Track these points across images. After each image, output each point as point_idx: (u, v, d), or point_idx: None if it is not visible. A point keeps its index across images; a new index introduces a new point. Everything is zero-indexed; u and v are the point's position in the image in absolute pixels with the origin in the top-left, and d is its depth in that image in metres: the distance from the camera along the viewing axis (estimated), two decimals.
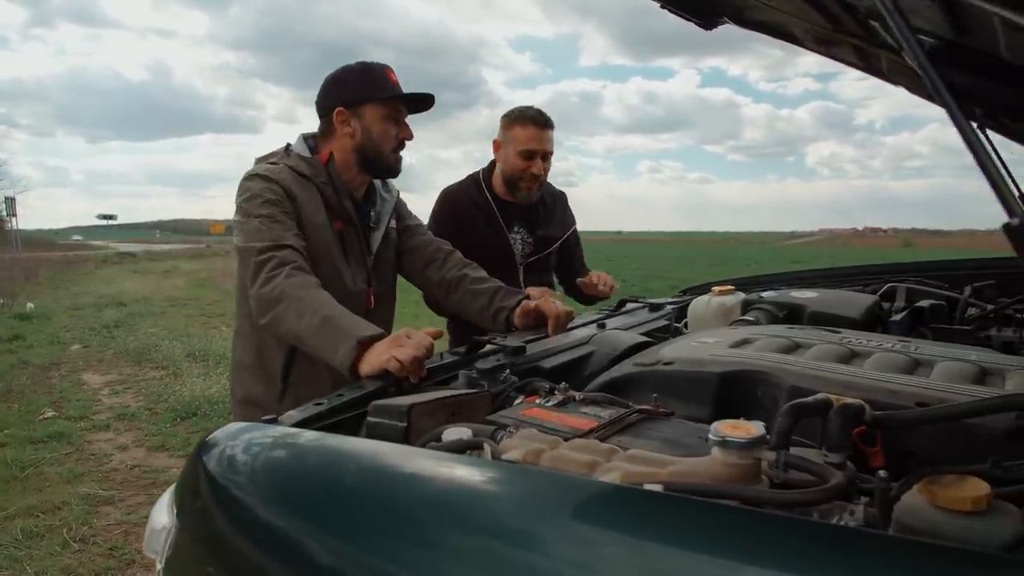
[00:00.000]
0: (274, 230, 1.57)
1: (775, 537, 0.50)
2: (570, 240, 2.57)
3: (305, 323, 1.38)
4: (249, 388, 1.74)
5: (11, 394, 5.48)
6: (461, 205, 2.41)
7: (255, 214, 1.59)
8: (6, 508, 3.29)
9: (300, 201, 1.67)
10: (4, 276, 15.33)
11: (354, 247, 1.78)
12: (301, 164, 1.73)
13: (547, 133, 2.31)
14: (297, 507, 0.80)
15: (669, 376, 1.15)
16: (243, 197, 1.65)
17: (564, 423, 0.85)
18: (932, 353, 1.22)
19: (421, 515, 0.69)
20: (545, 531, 0.59)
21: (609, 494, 0.58)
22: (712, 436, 0.61)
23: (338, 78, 1.75)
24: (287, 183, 1.66)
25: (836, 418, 0.65)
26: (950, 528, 0.66)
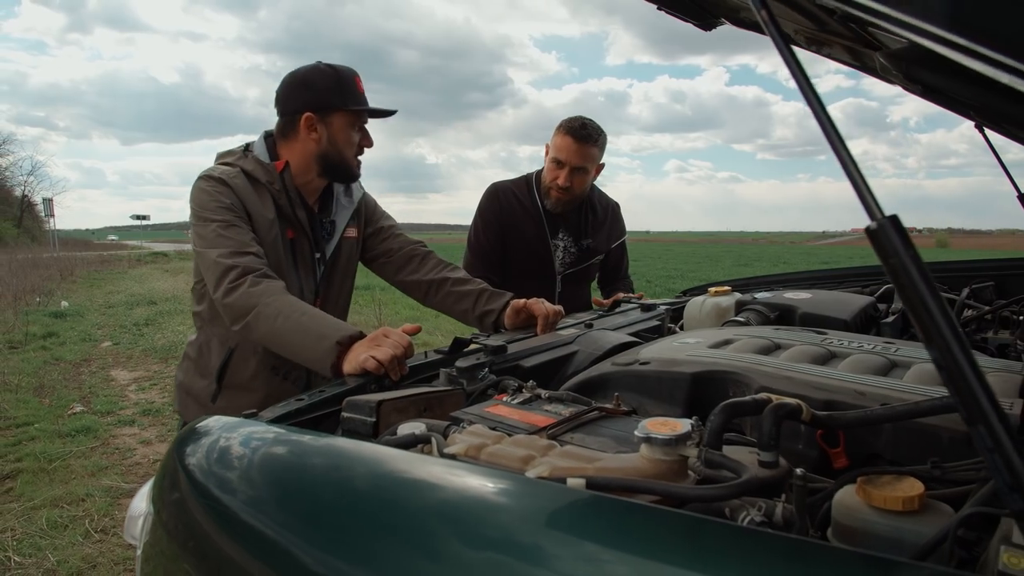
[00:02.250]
0: (232, 237, 1.56)
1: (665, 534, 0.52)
2: (615, 252, 2.52)
3: (279, 328, 1.39)
4: (189, 377, 1.77)
5: (43, 389, 5.65)
6: (509, 204, 2.36)
7: (211, 219, 1.59)
8: (33, 499, 3.41)
9: (250, 207, 1.66)
10: (42, 275, 15.80)
11: (305, 256, 1.77)
12: (257, 169, 1.71)
13: (582, 148, 2.21)
14: (271, 501, 0.83)
15: (644, 376, 1.16)
16: (197, 200, 1.64)
17: (524, 420, 0.88)
18: (910, 355, 1.22)
19: (377, 509, 0.72)
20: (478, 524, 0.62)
21: (543, 491, 0.60)
22: (638, 433, 0.63)
23: (308, 81, 1.72)
24: (239, 188, 1.65)
25: (769, 417, 0.66)
26: (882, 527, 0.68)
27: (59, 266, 18.64)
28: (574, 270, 2.39)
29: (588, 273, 2.45)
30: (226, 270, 1.50)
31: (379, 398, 0.96)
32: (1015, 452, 0.36)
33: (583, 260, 2.40)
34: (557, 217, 2.35)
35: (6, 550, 2.85)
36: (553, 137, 2.27)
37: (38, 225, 42.41)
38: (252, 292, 1.46)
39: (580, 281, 2.44)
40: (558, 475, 0.60)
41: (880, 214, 0.39)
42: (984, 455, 0.37)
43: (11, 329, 8.51)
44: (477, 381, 1.18)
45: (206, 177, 1.67)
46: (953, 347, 0.37)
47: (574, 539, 0.55)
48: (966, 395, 0.37)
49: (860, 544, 0.67)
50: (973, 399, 0.36)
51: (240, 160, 1.73)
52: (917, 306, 0.37)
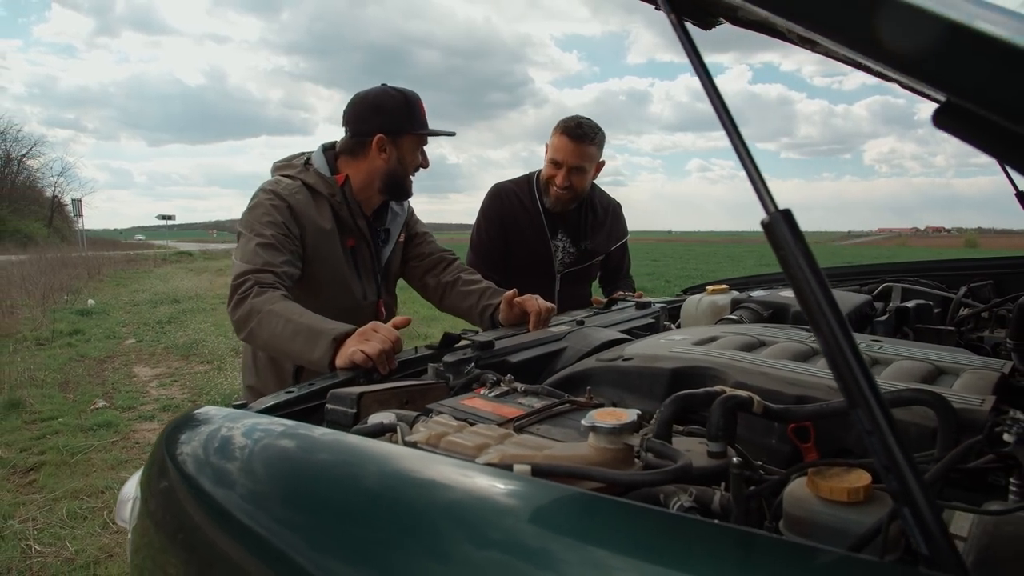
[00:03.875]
0: (265, 255, 1.62)
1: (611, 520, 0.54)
2: (616, 252, 2.53)
3: (279, 332, 1.44)
4: (263, 381, 1.83)
5: (68, 385, 5.80)
6: (510, 203, 2.40)
7: (256, 232, 1.66)
8: (55, 490, 3.51)
9: (308, 218, 1.73)
10: (70, 274, 16.14)
11: (366, 262, 1.87)
12: (319, 182, 1.80)
13: (579, 147, 2.22)
14: (260, 491, 0.85)
15: (625, 371, 1.19)
16: (253, 210, 1.71)
17: (496, 411, 0.91)
18: (893, 352, 1.23)
19: (352, 497, 0.74)
20: (440, 512, 0.64)
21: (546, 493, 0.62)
22: (584, 423, 0.66)
23: (380, 105, 1.80)
24: (298, 204, 1.73)
25: (718, 409, 0.68)
26: (828, 518, 0.69)
27: (87, 265, 19.03)
28: (573, 270, 2.42)
29: (588, 273, 2.47)
30: (238, 285, 1.57)
31: (360, 390, 1.00)
32: (891, 435, 0.38)
33: (582, 261, 2.42)
34: (557, 217, 2.37)
35: (27, 539, 2.94)
36: (551, 137, 2.29)
37: (68, 225, 43.33)
38: (255, 301, 1.52)
39: (579, 281, 2.46)
40: (507, 461, 0.63)
41: (773, 207, 0.41)
42: (864, 437, 0.39)
43: (39, 326, 8.71)
44: (463, 375, 1.22)
45: (269, 191, 1.75)
46: (836, 334, 0.39)
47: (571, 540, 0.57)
48: (848, 380, 0.39)
49: (808, 534, 0.69)
50: (855, 384, 0.38)
51: (301, 173, 1.82)
52: (805, 295, 0.40)
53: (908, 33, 0.34)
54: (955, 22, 0.32)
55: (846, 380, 0.39)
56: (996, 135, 0.34)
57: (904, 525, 0.38)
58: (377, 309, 1.90)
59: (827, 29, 0.43)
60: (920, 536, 0.37)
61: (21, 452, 4.09)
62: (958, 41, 0.33)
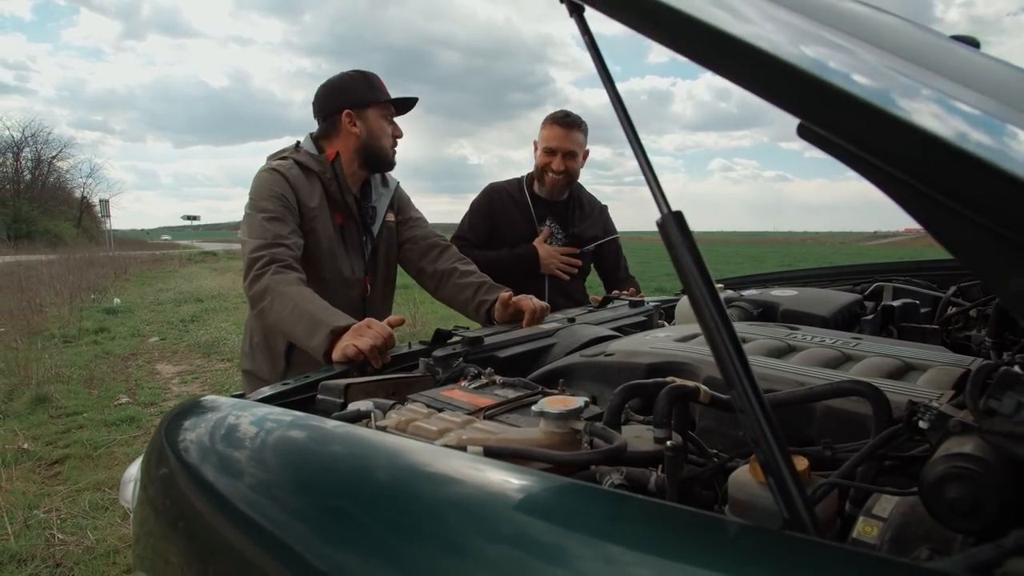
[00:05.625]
0: (272, 228, 1.73)
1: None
2: (609, 249, 2.66)
3: (287, 315, 1.53)
4: (257, 364, 1.96)
5: (93, 381, 5.96)
6: (499, 198, 2.61)
7: (259, 208, 1.77)
8: (78, 482, 3.63)
9: (303, 193, 1.84)
10: (97, 273, 16.49)
11: (353, 239, 1.96)
12: (309, 160, 1.91)
13: (570, 134, 2.47)
14: (260, 479, 0.88)
15: (605, 367, 1.24)
16: (255, 187, 1.84)
17: (471, 401, 0.96)
18: (868, 350, 1.26)
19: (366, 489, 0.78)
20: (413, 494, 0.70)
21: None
22: (535, 408, 0.71)
23: (342, 85, 1.95)
24: (293, 178, 1.84)
25: (663, 398, 0.73)
26: (763, 500, 0.74)
27: (114, 265, 19.42)
28: None
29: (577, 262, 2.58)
30: (254, 261, 1.67)
31: (348, 381, 1.06)
32: (762, 412, 0.43)
33: (575, 247, 2.56)
34: (546, 206, 2.57)
35: (51, 528, 3.06)
36: (541, 132, 2.52)
37: (96, 225, 44.21)
38: (272, 280, 1.62)
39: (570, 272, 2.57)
40: (463, 444, 0.69)
41: (667, 208, 0.46)
42: (739, 414, 0.44)
43: (66, 324, 8.94)
44: (451, 369, 1.27)
45: (267, 169, 1.87)
46: (716, 322, 0.44)
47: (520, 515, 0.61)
48: (726, 364, 0.44)
49: (749, 516, 0.74)
50: (732, 366, 0.43)
51: (292, 153, 1.93)
52: (691, 288, 0.45)
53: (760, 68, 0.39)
54: (803, 72, 0.37)
55: (724, 364, 0.44)
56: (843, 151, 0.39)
57: (770, 492, 0.43)
58: (363, 286, 1.98)
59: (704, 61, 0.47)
60: (782, 501, 0.42)
61: (47, 445, 4.23)
62: (804, 84, 0.38)
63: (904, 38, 0.49)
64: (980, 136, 0.35)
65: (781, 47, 0.39)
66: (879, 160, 0.37)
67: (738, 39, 0.40)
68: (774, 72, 0.39)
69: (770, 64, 0.39)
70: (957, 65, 0.49)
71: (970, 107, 0.37)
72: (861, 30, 0.45)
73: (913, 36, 0.52)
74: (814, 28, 0.42)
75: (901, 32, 0.49)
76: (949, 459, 0.51)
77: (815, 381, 1.06)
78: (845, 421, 0.95)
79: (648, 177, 0.47)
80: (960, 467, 0.50)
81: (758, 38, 0.39)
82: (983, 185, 0.34)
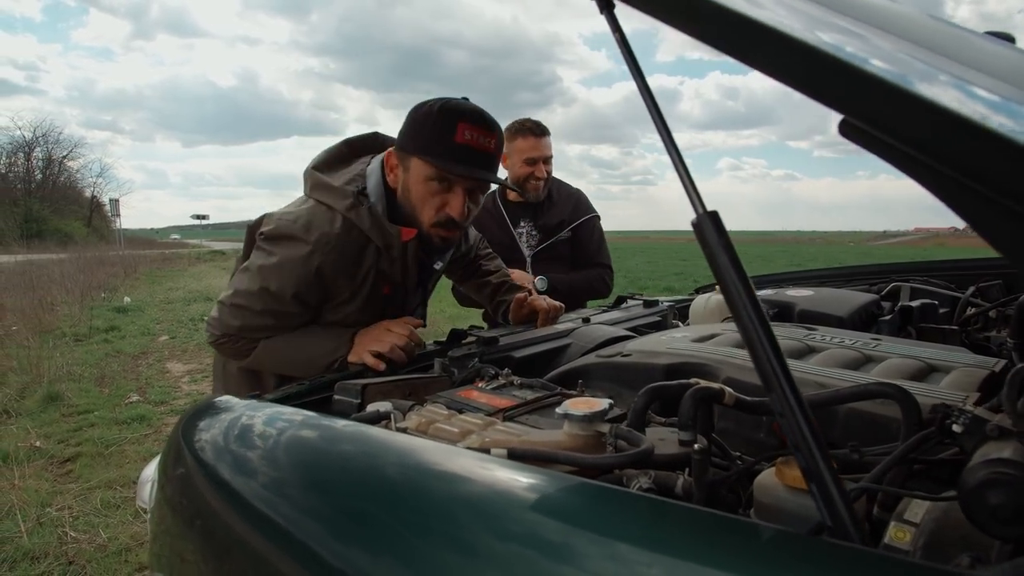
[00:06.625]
0: (266, 332, 1.43)
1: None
2: (580, 231, 2.71)
3: (290, 358, 1.42)
4: (239, 392, 1.54)
5: (104, 379, 5.98)
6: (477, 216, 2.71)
7: (269, 293, 1.38)
8: (90, 480, 3.64)
9: (342, 278, 1.41)
10: (108, 272, 16.59)
11: (397, 305, 1.55)
12: (374, 231, 1.39)
13: (545, 140, 2.61)
14: (271, 476, 0.89)
15: (622, 367, 1.23)
16: (269, 255, 1.38)
17: (489, 402, 0.96)
18: (888, 350, 1.25)
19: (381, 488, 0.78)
20: (426, 493, 0.69)
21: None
22: (559, 411, 0.70)
23: (410, 113, 1.42)
24: (331, 264, 1.37)
25: (688, 400, 0.72)
26: (792, 504, 0.73)
27: (124, 264, 19.51)
28: (542, 247, 2.65)
29: (556, 251, 2.67)
30: (223, 345, 1.48)
31: (365, 382, 1.05)
32: (803, 417, 0.41)
33: (547, 238, 2.66)
34: (516, 210, 2.68)
35: (63, 526, 3.07)
36: (512, 143, 2.59)
37: (106, 225, 44.45)
38: (236, 347, 1.46)
39: (550, 260, 2.66)
40: (486, 446, 0.68)
41: (702, 209, 0.45)
42: (777, 418, 0.43)
43: (77, 323, 8.99)
44: (467, 369, 1.27)
45: (291, 236, 1.37)
46: (755, 324, 0.43)
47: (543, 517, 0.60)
48: (764, 367, 0.43)
49: (774, 520, 0.73)
50: (770, 370, 0.42)
51: (352, 211, 1.38)
52: (728, 289, 0.44)
53: (806, 63, 0.38)
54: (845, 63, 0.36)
55: (763, 367, 0.43)
56: (888, 148, 0.38)
57: (812, 498, 0.42)
58: None
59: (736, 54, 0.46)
60: (824, 508, 0.41)
61: (59, 443, 4.25)
62: (845, 75, 0.37)
63: (944, 34, 0.48)
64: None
65: (826, 42, 0.37)
66: (931, 158, 0.36)
67: (783, 33, 0.39)
68: (820, 66, 0.38)
69: (816, 57, 0.37)
70: (999, 61, 0.48)
71: None
72: (902, 27, 0.44)
73: (951, 32, 0.51)
74: (858, 26, 0.41)
75: (941, 29, 0.48)
76: (990, 464, 0.49)
77: (836, 383, 1.04)
78: (869, 423, 0.93)
79: (682, 176, 0.46)
80: (1002, 473, 0.49)
81: (802, 32, 0.38)
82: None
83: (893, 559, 0.45)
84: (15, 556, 2.78)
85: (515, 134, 2.60)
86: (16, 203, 38.25)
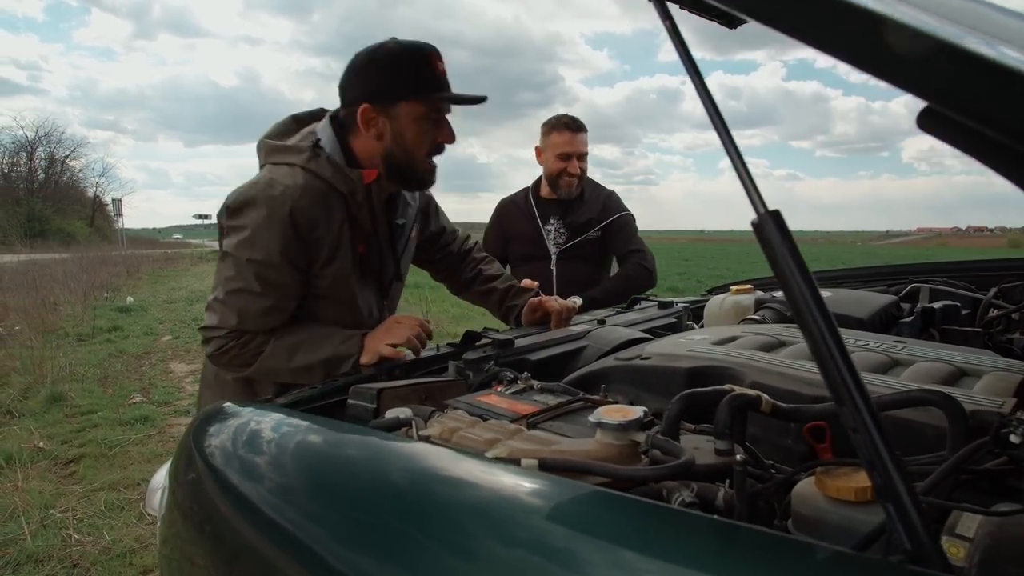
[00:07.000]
0: (265, 300, 1.36)
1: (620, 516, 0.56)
2: (610, 229, 2.64)
3: (301, 362, 1.37)
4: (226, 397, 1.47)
5: (107, 380, 5.96)
6: (507, 210, 2.77)
7: (254, 275, 1.34)
8: (93, 481, 3.62)
9: (319, 230, 1.38)
10: (110, 272, 16.58)
11: (373, 271, 1.54)
12: (337, 178, 1.39)
13: (580, 136, 2.56)
14: (287, 485, 0.87)
15: (642, 370, 1.20)
16: (242, 228, 1.35)
17: (510, 408, 0.93)
18: (915, 354, 1.22)
19: (371, 490, 0.76)
20: (446, 503, 0.67)
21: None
22: (591, 419, 0.67)
23: (371, 65, 1.40)
24: (310, 216, 1.35)
25: (725, 407, 0.69)
26: (834, 516, 0.70)
27: (126, 263, 19.51)
28: (569, 246, 2.61)
29: (583, 250, 2.62)
30: (219, 349, 1.39)
31: (380, 386, 1.02)
32: (878, 432, 0.38)
33: (574, 236, 2.62)
34: (547, 207, 2.66)
35: (68, 528, 3.04)
36: (547, 138, 2.59)
37: (108, 224, 44.48)
38: (242, 353, 1.37)
39: (576, 260, 2.62)
40: (515, 456, 0.65)
41: (763, 209, 0.42)
42: (850, 435, 0.40)
43: (80, 323, 8.98)
44: (482, 373, 1.24)
45: (255, 200, 1.35)
46: (823, 333, 0.40)
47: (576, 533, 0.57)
48: (834, 378, 0.40)
49: (815, 532, 0.69)
50: (841, 382, 0.39)
51: (311, 163, 1.39)
52: (793, 293, 0.41)
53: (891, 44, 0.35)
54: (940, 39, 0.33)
55: (832, 379, 0.40)
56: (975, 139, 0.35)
57: (888, 521, 0.38)
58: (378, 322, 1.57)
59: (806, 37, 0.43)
60: (903, 531, 0.38)
61: (62, 444, 4.23)
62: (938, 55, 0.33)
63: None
64: None
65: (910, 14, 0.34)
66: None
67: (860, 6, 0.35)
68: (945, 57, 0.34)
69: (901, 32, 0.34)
70: None
71: None
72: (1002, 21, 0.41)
73: None
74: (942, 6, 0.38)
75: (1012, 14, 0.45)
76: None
77: (870, 388, 1.01)
78: (903, 430, 0.90)
79: (741, 174, 0.43)
80: None
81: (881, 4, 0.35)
82: None
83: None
84: (19, 559, 2.75)
85: (551, 129, 2.58)
86: (19, 203, 38.29)
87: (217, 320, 1.38)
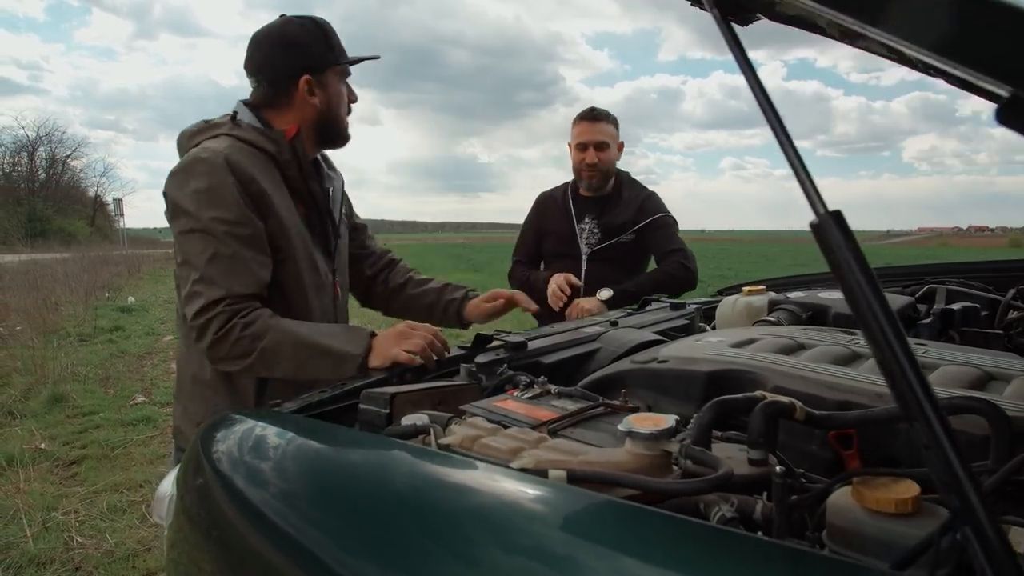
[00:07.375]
0: (243, 261, 1.36)
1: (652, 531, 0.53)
2: (647, 230, 2.56)
3: (299, 359, 1.32)
4: (214, 406, 1.45)
5: (108, 380, 5.94)
6: (545, 204, 2.75)
7: (220, 236, 1.34)
8: (95, 483, 3.59)
9: (257, 184, 1.40)
10: (111, 271, 16.56)
11: (318, 233, 1.59)
12: (261, 139, 1.46)
13: (597, 125, 2.54)
14: (295, 492, 0.85)
15: (660, 374, 1.17)
16: (192, 195, 1.35)
17: (529, 414, 0.90)
18: (938, 357, 1.19)
19: (404, 506, 0.73)
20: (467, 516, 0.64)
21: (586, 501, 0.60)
22: (621, 428, 0.64)
23: (295, 41, 1.51)
24: (246, 168, 1.39)
25: (758, 415, 0.66)
26: (873, 529, 0.67)
27: (127, 263, 19.50)
28: (601, 247, 2.56)
29: (615, 253, 2.55)
30: (211, 322, 1.33)
31: (394, 391, 0.99)
32: (953, 450, 0.36)
33: (608, 237, 2.56)
34: (584, 205, 2.61)
35: (69, 531, 3.02)
36: (571, 132, 2.59)
37: (109, 224, 44.46)
38: (243, 336, 1.32)
39: (607, 262, 2.54)
40: (542, 467, 0.62)
41: (823, 209, 0.39)
42: (922, 451, 0.37)
43: (81, 323, 8.96)
44: (496, 377, 1.21)
45: (197, 159, 1.38)
46: (891, 341, 0.37)
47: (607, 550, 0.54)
48: (904, 391, 0.37)
49: (852, 546, 0.66)
50: (911, 395, 0.37)
51: (233, 129, 1.47)
52: (858, 300, 0.38)
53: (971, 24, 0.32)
54: None
55: (902, 391, 0.37)
56: None
57: (966, 545, 0.36)
58: (333, 289, 1.63)
59: (878, 22, 0.41)
60: (983, 557, 0.35)
61: (64, 445, 4.21)
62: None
63: None
64: None
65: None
66: None
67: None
68: None
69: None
70: None
71: None
72: None
73: None
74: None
75: None
76: None
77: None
78: None
79: (799, 174, 0.40)
80: None
81: None
82: None
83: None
84: (21, 561, 2.73)
85: (573, 122, 2.58)
86: (20, 202, 38.29)
87: (204, 299, 1.34)
